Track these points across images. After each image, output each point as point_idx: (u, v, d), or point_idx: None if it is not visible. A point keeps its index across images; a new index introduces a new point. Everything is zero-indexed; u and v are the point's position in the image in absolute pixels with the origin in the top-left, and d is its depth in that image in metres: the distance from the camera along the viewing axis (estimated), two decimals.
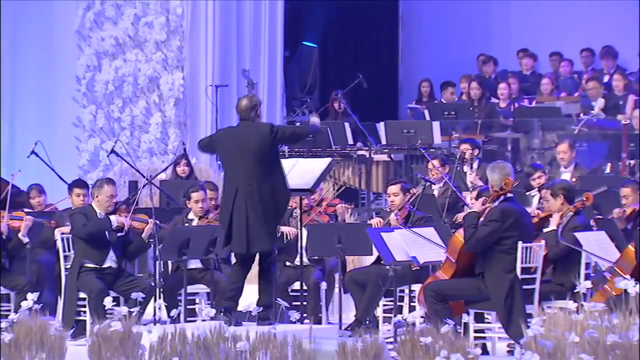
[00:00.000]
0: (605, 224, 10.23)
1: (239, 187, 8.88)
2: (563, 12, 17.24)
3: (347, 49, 18.38)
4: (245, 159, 8.87)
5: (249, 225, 8.86)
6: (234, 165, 8.97)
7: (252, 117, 9.00)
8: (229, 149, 9.00)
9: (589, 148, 13.12)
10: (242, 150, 8.89)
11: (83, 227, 10.04)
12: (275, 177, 8.89)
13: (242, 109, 9.01)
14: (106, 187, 10.20)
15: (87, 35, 15.72)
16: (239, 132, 9.02)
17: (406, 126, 14.16)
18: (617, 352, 7.23)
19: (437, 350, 7.53)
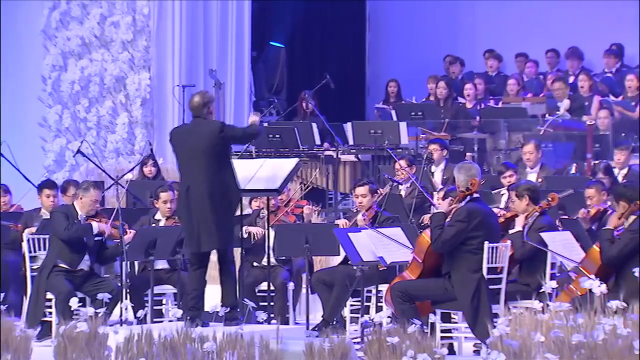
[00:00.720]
0: (571, 224, 10.30)
1: (191, 186, 8.85)
2: (528, 13, 17.33)
3: (315, 49, 18.39)
4: (196, 157, 8.82)
5: (199, 224, 8.80)
6: (186, 163, 8.93)
7: (204, 114, 8.94)
8: (182, 147, 8.96)
9: (554, 148, 13.19)
10: (193, 148, 8.84)
11: (65, 230, 10.00)
12: (225, 176, 8.84)
13: (194, 105, 8.97)
14: (92, 191, 10.19)
15: (53, 35, 15.65)
16: (190, 130, 8.99)
17: (373, 126, 14.18)
18: (582, 352, 7.28)
19: (404, 350, 7.55)
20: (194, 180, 8.82)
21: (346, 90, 17.76)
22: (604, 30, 16.71)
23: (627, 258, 8.79)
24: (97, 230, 10.11)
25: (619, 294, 8.11)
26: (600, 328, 7.33)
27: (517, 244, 9.48)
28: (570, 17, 17.01)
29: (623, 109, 14.56)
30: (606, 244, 8.90)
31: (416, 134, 14.44)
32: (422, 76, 16.44)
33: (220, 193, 8.80)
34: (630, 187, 9.09)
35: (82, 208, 10.17)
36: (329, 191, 14.04)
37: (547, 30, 17.06)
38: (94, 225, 10.10)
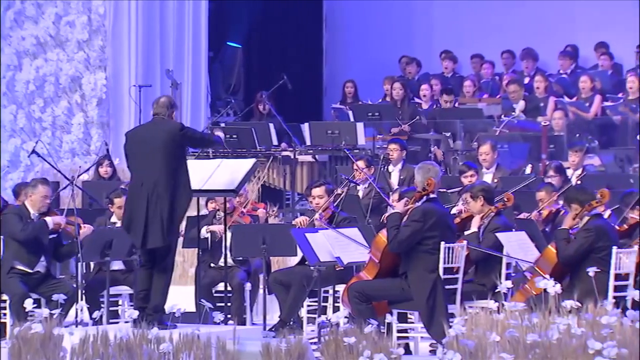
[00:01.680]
0: (526, 224, 10.38)
1: (144, 182, 8.78)
2: (484, 14, 17.43)
3: (272, 50, 18.38)
4: (152, 154, 8.75)
5: (147, 220, 8.72)
6: (141, 159, 8.86)
7: (166, 114, 8.91)
8: (139, 145, 8.90)
9: (510, 149, 13.28)
10: (150, 145, 8.78)
11: (22, 231, 9.91)
12: (179, 176, 8.80)
13: (160, 105, 8.92)
14: (40, 187, 10.10)
15: (7, 34, 15.51)
16: (148, 128, 8.95)
17: (330, 127, 14.21)
18: (537, 351, 7.33)
19: (360, 351, 7.57)
20: (148, 176, 8.77)
21: (303, 91, 17.76)
22: (558, 31, 16.84)
23: (583, 257, 8.87)
24: (52, 225, 10.02)
25: (573, 294, 8.19)
26: (554, 327, 7.39)
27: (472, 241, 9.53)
28: (525, 18, 17.12)
29: (577, 109, 14.69)
30: (562, 243, 8.97)
31: (373, 134, 14.48)
32: (378, 77, 16.49)
33: (173, 192, 8.76)
34: (582, 191, 9.17)
35: (34, 206, 10.09)
36: (286, 191, 14.04)
37: (502, 31, 17.16)
38: (48, 221, 10.02)
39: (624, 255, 8.94)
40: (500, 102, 15.29)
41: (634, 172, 12.31)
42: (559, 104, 14.76)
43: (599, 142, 13.82)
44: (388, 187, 12.54)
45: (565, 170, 12.11)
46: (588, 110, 14.66)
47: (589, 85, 14.79)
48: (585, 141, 13.42)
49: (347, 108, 15.78)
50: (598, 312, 7.59)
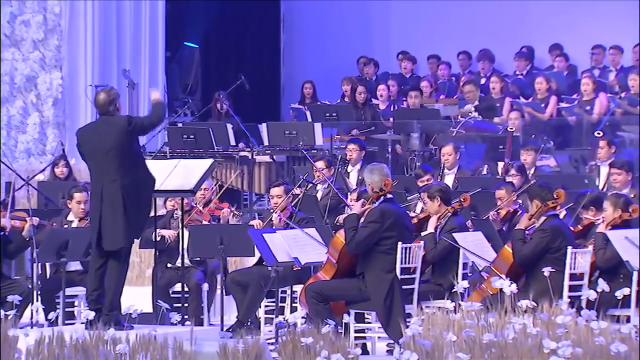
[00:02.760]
0: (482, 224, 10.43)
1: (104, 183, 8.70)
2: (441, 15, 17.50)
3: (229, 50, 18.34)
4: (106, 155, 8.66)
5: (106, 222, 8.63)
6: (96, 161, 8.77)
7: (111, 111, 8.77)
8: (91, 146, 8.79)
9: (466, 150, 13.34)
10: (103, 146, 8.68)
11: None
12: (139, 172, 8.74)
13: (100, 103, 8.79)
14: None
15: None
16: (98, 128, 8.82)
17: (288, 127, 14.21)
18: (493, 351, 7.37)
19: (317, 351, 7.58)
20: (107, 178, 8.70)
21: (261, 91, 17.75)
22: (514, 32, 16.95)
23: (539, 257, 8.94)
24: None
25: (529, 294, 8.25)
26: (510, 327, 7.44)
27: (429, 246, 9.57)
28: (481, 19, 17.22)
29: (533, 110, 14.80)
30: (518, 244, 9.03)
31: (331, 134, 14.51)
32: (336, 77, 16.51)
33: (134, 190, 8.70)
34: (545, 188, 9.24)
35: None
36: (244, 192, 14.02)
37: (459, 32, 17.25)
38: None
39: (579, 255, 9.02)
40: (457, 103, 15.37)
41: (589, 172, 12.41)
42: (514, 105, 14.85)
43: (554, 143, 13.92)
44: (346, 187, 12.56)
45: (526, 171, 12.20)
46: (544, 111, 14.78)
47: (544, 86, 14.90)
48: (541, 141, 13.51)
49: (305, 108, 15.79)
50: (553, 312, 7.65)
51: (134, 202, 8.65)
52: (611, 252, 9.05)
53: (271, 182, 11.23)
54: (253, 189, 14.10)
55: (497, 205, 10.84)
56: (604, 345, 7.24)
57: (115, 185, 8.65)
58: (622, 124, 14.23)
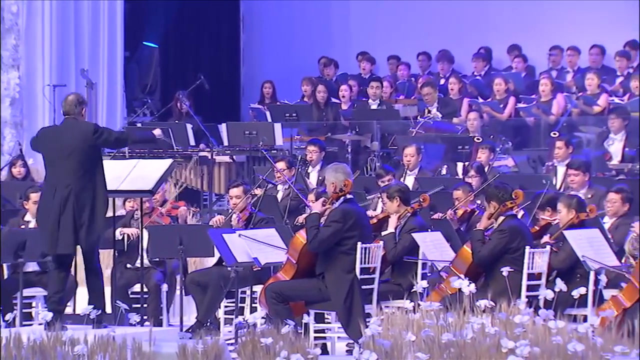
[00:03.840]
0: (441, 224, 10.48)
1: (57, 187, 8.69)
2: (400, 15, 17.55)
3: (189, 50, 18.29)
4: (66, 158, 8.66)
5: (60, 226, 8.65)
6: (54, 164, 8.76)
7: (76, 113, 8.80)
8: (51, 148, 8.79)
9: (426, 150, 13.39)
10: (63, 149, 8.68)
11: None
12: (94, 178, 8.73)
13: (68, 103, 8.81)
14: None
15: None
16: (61, 131, 8.82)
17: (248, 127, 14.19)
18: (452, 350, 7.41)
19: (277, 351, 7.59)
20: (62, 181, 8.67)
21: (221, 91, 17.72)
22: (472, 33, 17.03)
23: (498, 258, 8.99)
24: None
25: (488, 293, 8.30)
26: (469, 327, 7.48)
27: (389, 246, 9.60)
28: (440, 20, 17.29)
29: (491, 110, 14.88)
30: (477, 244, 9.07)
31: (291, 135, 14.51)
32: (296, 77, 16.51)
33: (90, 196, 8.68)
34: (502, 188, 9.29)
35: None
36: (203, 192, 14.00)
37: (418, 33, 17.31)
38: None
39: (537, 255, 9.08)
40: (417, 103, 15.43)
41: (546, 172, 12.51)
42: (473, 105, 14.93)
43: (512, 143, 14.01)
44: (307, 188, 12.58)
45: (485, 171, 12.28)
46: (502, 112, 14.86)
47: (503, 87, 14.99)
48: (499, 142, 13.59)
49: (265, 108, 15.78)
50: (511, 312, 7.71)
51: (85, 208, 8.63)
52: (565, 252, 9.13)
53: (231, 182, 11.21)
54: (213, 189, 14.08)
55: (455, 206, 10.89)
56: (562, 345, 7.30)
57: (67, 191, 8.61)
58: (579, 125, 14.36)
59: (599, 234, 9.26)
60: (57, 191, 8.67)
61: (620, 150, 13.42)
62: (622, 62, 15.45)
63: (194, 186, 14.15)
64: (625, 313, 8.46)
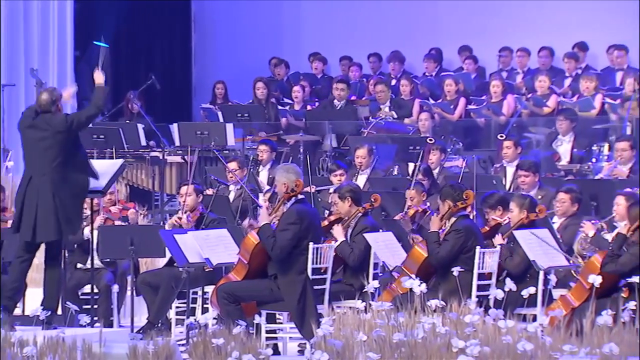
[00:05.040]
0: (393, 225, 10.52)
1: (33, 176, 8.80)
2: (352, 16, 17.59)
3: (140, 49, 18.20)
4: (42, 149, 8.79)
5: (37, 214, 8.72)
6: (31, 153, 8.90)
7: (53, 110, 8.96)
8: (28, 137, 8.93)
9: (377, 150, 13.45)
10: (40, 140, 8.82)
11: None
12: (72, 169, 8.81)
13: (42, 103, 8.96)
14: None
15: None
16: (38, 123, 8.94)
17: (200, 127, 14.15)
18: (403, 350, 7.45)
19: (229, 352, 7.59)
20: (38, 170, 8.78)
21: (172, 91, 17.65)
22: (423, 34, 17.11)
23: (456, 257, 9.05)
24: None
25: (438, 293, 8.34)
26: (420, 327, 7.52)
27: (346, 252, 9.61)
28: (392, 21, 17.35)
29: (442, 111, 14.97)
30: (434, 246, 9.11)
31: (243, 135, 14.48)
32: (248, 77, 16.49)
33: (67, 186, 8.73)
34: (457, 188, 9.35)
35: None
36: (154, 192, 13.94)
37: (370, 33, 17.36)
38: None
39: (487, 255, 9.15)
40: (369, 104, 15.47)
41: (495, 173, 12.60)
42: (424, 106, 15.01)
43: (463, 144, 14.10)
44: (259, 188, 12.58)
45: (432, 173, 12.35)
46: (453, 112, 14.96)
47: (453, 87, 15.08)
48: (450, 142, 13.67)
49: (217, 108, 15.75)
50: (462, 311, 7.76)
51: (61, 199, 8.64)
52: (519, 256, 9.20)
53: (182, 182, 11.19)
54: (164, 190, 14.02)
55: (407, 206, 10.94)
56: (511, 344, 7.36)
57: (44, 180, 8.70)
58: (528, 126, 14.49)
59: (549, 234, 9.35)
60: (32, 179, 8.80)
61: (568, 151, 13.56)
62: (570, 64, 15.61)
63: (145, 186, 14.09)
64: (574, 312, 8.55)
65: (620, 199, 9.66)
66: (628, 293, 8.59)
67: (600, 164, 12.91)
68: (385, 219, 10.92)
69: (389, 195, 11.37)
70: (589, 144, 13.57)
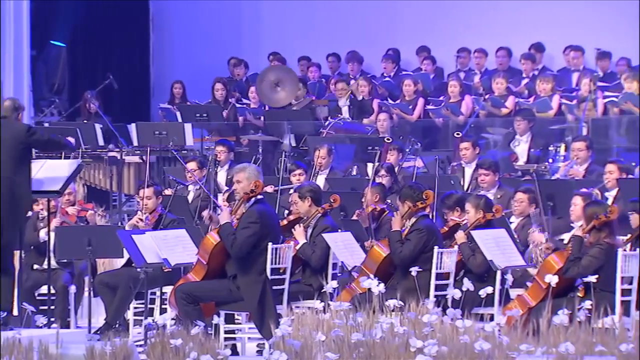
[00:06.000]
0: (351, 225, 10.54)
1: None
2: (311, 16, 17.61)
3: (97, 49, 18.10)
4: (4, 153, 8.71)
5: None
6: None
7: (13, 117, 8.96)
8: None
9: (336, 151, 13.47)
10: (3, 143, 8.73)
11: None
12: (20, 178, 8.71)
13: (5, 107, 8.96)
14: None
15: None
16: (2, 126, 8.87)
17: (158, 127, 14.11)
18: (361, 350, 7.46)
19: (187, 352, 7.57)
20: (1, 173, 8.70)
21: (131, 91, 17.58)
22: (381, 35, 17.16)
23: (418, 257, 9.08)
24: None
25: (397, 293, 8.38)
26: (378, 326, 7.54)
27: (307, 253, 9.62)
28: (350, 21, 17.38)
29: (401, 111, 15.02)
30: (397, 245, 9.15)
31: (201, 135, 14.45)
32: (207, 78, 16.47)
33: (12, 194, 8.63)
34: (416, 188, 9.39)
35: None
36: (112, 193, 13.88)
37: (328, 34, 17.38)
38: None
39: (445, 254, 9.20)
40: (327, 104, 15.50)
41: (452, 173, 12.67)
42: (383, 106, 15.05)
43: (421, 144, 14.15)
44: (218, 188, 12.56)
45: (395, 171, 12.40)
46: (411, 113, 15.01)
47: (412, 88, 15.14)
48: (408, 143, 13.72)
49: (175, 108, 15.70)
50: (420, 311, 7.79)
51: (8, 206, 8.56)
52: (481, 256, 9.25)
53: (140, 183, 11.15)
54: (122, 190, 13.96)
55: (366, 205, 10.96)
56: (469, 344, 7.40)
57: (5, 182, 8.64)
58: (486, 126, 14.57)
59: (506, 233, 9.41)
60: None
61: (526, 152, 13.66)
62: (527, 65, 15.72)
63: (102, 187, 14.02)
64: (531, 312, 8.62)
65: (577, 199, 9.75)
66: (584, 292, 8.67)
67: (557, 164, 13.01)
68: (344, 219, 10.94)
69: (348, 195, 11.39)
70: (545, 145, 13.68)
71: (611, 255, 8.75)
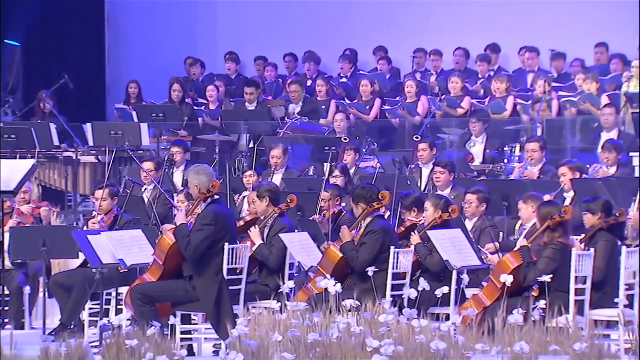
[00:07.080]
0: (308, 225, 10.55)
1: None
2: (268, 16, 17.60)
3: (52, 48, 17.98)
4: None
5: None
6: None
7: None
8: None
9: (293, 151, 13.48)
10: None
11: None
12: None
13: None
14: None
15: None
16: None
17: (114, 128, 14.04)
18: (318, 350, 7.48)
19: (143, 353, 7.54)
20: None
21: (86, 91, 17.48)
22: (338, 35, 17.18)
23: (377, 258, 9.10)
24: None
25: (354, 293, 8.39)
26: (335, 326, 7.56)
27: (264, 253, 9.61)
28: (307, 21, 17.39)
29: (358, 111, 15.05)
30: (353, 254, 9.16)
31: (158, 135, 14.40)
32: (163, 77, 16.41)
33: None
34: (369, 190, 9.41)
35: None
36: (68, 193, 13.79)
37: (285, 34, 17.38)
38: None
39: (401, 255, 9.23)
40: (284, 104, 15.49)
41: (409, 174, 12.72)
42: (340, 107, 15.07)
43: (378, 145, 14.19)
44: (174, 189, 12.52)
45: (349, 172, 12.42)
46: (368, 113, 15.05)
47: (369, 88, 15.18)
48: (365, 143, 13.75)
49: (131, 108, 15.63)
50: (377, 311, 7.82)
51: None
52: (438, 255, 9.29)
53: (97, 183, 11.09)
54: (78, 190, 13.88)
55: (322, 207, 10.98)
56: (425, 343, 7.44)
57: None
58: (442, 127, 14.64)
59: (462, 234, 9.46)
60: None
61: (481, 152, 13.74)
62: (483, 67, 15.82)
63: (57, 187, 13.93)
64: (486, 312, 8.67)
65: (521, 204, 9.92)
66: (538, 292, 8.74)
67: (512, 165, 13.10)
68: (301, 219, 10.94)
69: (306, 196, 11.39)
70: (501, 145, 13.76)
71: (565, 256, 8.82)
